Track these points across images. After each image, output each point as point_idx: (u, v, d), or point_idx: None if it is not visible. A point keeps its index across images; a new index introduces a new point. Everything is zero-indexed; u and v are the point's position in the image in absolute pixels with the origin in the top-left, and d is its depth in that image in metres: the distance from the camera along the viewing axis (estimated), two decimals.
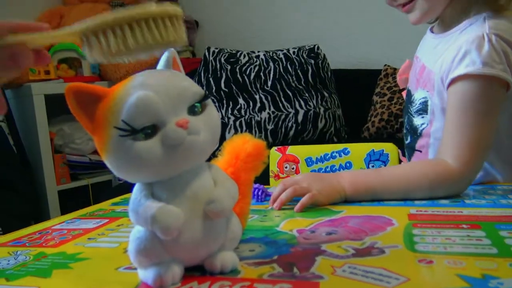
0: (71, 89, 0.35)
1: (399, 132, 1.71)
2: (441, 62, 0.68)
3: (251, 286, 0.35)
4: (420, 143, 0.76)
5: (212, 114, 0.38)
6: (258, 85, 1.87)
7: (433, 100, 0.71)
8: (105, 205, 0.73)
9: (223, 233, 0.38)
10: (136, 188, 0.37)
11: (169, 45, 0.37)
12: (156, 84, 0.35)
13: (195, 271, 0.38)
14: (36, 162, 1.83)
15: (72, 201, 1.87)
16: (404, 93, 0.87)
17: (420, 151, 0.77)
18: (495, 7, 0.66)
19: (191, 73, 2.05)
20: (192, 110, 0.36)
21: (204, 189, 0.37)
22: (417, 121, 0.76)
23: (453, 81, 0.64)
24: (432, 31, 0.78)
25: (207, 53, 1.96)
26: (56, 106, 1.79)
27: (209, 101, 0.38)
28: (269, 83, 1.87)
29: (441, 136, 0.67)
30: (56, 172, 1.86)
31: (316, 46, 1.97)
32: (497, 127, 0.65)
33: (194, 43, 2.49)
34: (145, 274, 0.37)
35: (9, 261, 0.47)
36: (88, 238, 0.53)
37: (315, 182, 0.61)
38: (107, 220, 0.61)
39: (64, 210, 1.86)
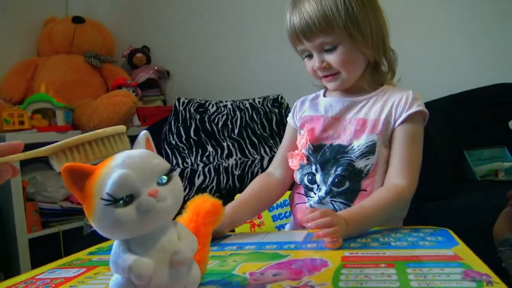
0: (66, 168, 0.45)
1: None
2: (387, 111, 0.89)
3: None
4: (366, 182, 0.88)
5: (176, 183, 0.49)
6: (226, 133, 1.99)
7: (381, 141, 0.88)
8: (82, 254, 0.81)
9: (185, 277, 0.48)
10: (115, 244, 0.47)
11: (118, 153, 0.50)
12: (132, 163, 0.46)
13: None
14: (8, 210, 1.86)
15: (42, 249, 1.88)
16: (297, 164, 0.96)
17: (366, 190, 0.88)
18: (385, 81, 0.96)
19: (163, 121, 2.15)
20: (161, 181, 0.47)
21: (170, 243, 0.47)
22: (361, 163, 0.88)
23: (406, 119, 0.88)
24: (324, 95, 1.01)
25: (177, 104, 2.08)
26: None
27: (175, 172, 0.49)
28: (236, 131, 2.00)
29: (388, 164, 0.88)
30: (27, 220, 1.88)
31: (279, 96, 2.13)
32: None
33: (165, 92, 2.62)
34: None
35: None
36: (70, 286, 0.61)
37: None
38: (85, 269, 0.69)
39: (34, 258, 1.87)
